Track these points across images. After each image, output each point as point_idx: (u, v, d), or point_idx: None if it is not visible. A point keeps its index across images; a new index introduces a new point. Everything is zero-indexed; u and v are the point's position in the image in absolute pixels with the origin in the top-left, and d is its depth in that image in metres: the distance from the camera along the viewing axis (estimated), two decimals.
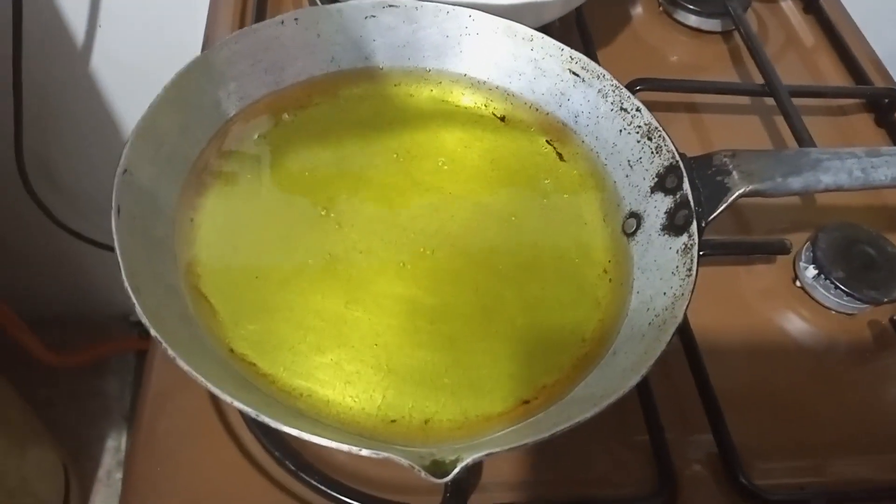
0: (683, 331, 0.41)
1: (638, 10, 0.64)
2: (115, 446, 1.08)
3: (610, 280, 0.38)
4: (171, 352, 0.27)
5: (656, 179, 0.39)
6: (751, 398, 0.41)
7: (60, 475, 0.94)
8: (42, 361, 0.96)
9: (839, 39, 0.62)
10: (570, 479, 0.36)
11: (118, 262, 0.30)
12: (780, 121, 0.53)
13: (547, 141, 0.43)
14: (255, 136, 0.39)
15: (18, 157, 0.81)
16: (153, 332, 0.28)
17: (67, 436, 1.01)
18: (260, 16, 0.53)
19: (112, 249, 0.30)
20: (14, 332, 0.91)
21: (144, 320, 0.28)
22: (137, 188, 0.33)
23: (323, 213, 0.38)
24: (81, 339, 1.08)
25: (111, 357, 1.15)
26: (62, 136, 0.89)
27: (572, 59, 0.42)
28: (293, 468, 0.33)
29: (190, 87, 0.37)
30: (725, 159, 0.37)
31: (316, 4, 0.54)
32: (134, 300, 0.29)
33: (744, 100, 0.57)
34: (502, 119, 0.44)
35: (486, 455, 0.27)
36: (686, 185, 0.37)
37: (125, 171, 0.32)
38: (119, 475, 1.02)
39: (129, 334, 1.15)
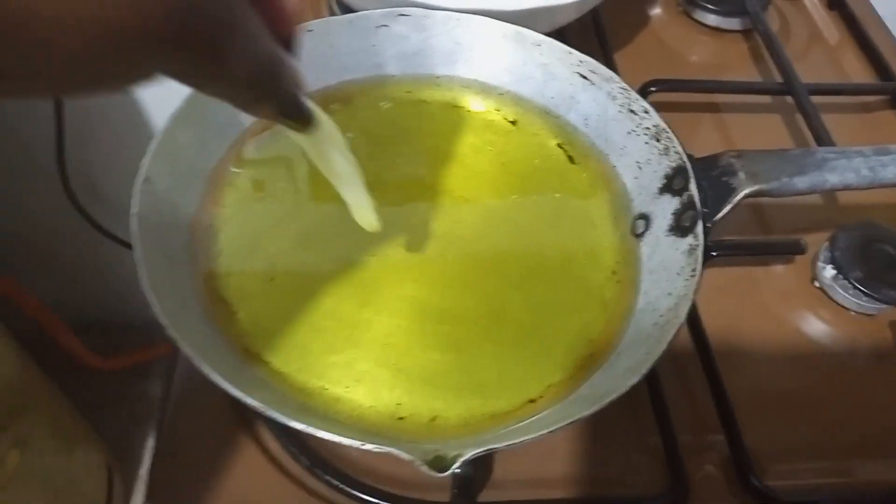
0: (696, 331, 0.41)
1: (656, 11, 0.64)
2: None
3: (618, 282, 0.38)
4: (186, 350, 0.29)
5: (664, 181, 0.39)
6: (766, 400, 0.40)
7: (104, 475, 0.97)
8: (88, 366, 0.99)
9: (863, 35, 0.61)
10: (581, 479, 0.37)
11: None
12: (801, 119, 0.53)
13: (557, 144, 0.44)
14: (270, 145, 0.41)
15: (62, 170, 0.85)
16: (170, 332, 0.29)
17: (112, 437, 1.05)
18: None
19: None
20: (62, 339, 0.95)
21: (163, 320, 0.30)
22: (157, 197, 0.35)
23: (336, 217, 0.39)
24: (125, 344, 1.12)
25: (153, 361, 1.19)
26: (102, 148, 0.92)
27: (581, 62, 0.43)
28: (308, 464, 0.35)
29: (207, 99, 0.38)
30: (732, 160, 0.37)
31: (335, 14, 0.56)
32: (152, 302, 0.30)
33: (764, 99, 0.57)
34: (513, 123, 0.44)
35: (487, 450, 0.28)
36: (692, 186, 0.37)
37: (146, 179, 0.34)
38: None
39: (170, 339, 1.19)
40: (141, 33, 0.16)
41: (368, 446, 0.27)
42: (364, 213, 0.33)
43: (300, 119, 0.25)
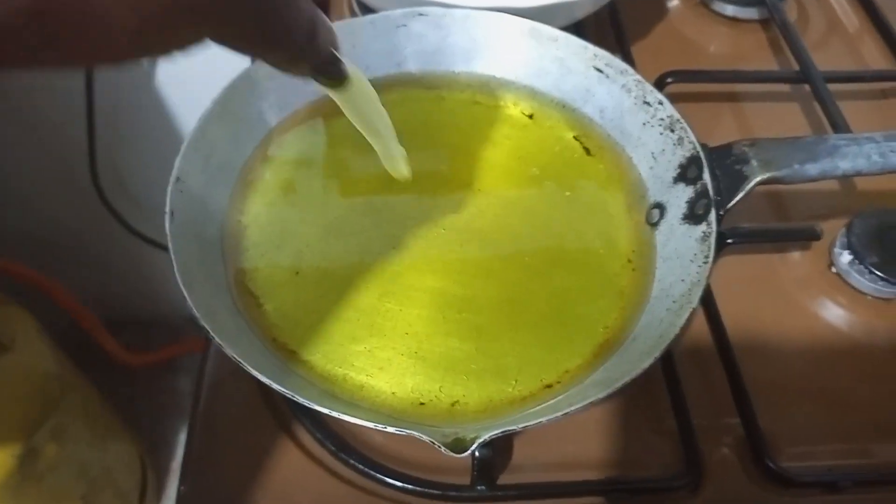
0: (713, 317, 0.42)
1: (674, 2, 0.64)
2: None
3: (633, 270, 0.39)
4: (217, 340, 0.30)
5: (678, 170, 0.40)
6: (782, 384, 0.41)
7: (138, 467, 1.00)
8: (120, 361, 1.02)
9: (884, 23, 0.61)
10: (598, 462, 0.38)
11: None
12: (818, 107, 0.53)
13: (574, 136, 0.45)
14: (296, 144, 0.42)
15: (93, 171, 0.87)
16: (202, 323, 0.31)
17: (144, 430, 1.08)
18: None
19: None
20: (96, 335, 0.98)
21: (194, 312, 0.31)
22: (189, 195, 0.36)
23: (359, 212, 0.40)
24: (156, 340, 1.15)
25: (183, 356, 1.22)
26: (132, 149, 0.95)
27: (596, 56, 0.44)
28: (333, 449, 0.36)
29: (235, 100, 0.40)
30: (745, 148, 0.37)
31: (356, 15, 0.57)
32: (186, 294, 0.32)
33: (783, 87, 0.57)
34: (530, 117, 0.45)
35: (503, 432, 0.29)
36: (706, 175, 0.37)
37: (177, 179, 0.36)
38: None
39: (200, 335, 1.21)
40: (190, 7, 0.17)
41: (391, 429, 0.29)
42: (395, 162, 0.34)
43: (335, 76, 0.26)
